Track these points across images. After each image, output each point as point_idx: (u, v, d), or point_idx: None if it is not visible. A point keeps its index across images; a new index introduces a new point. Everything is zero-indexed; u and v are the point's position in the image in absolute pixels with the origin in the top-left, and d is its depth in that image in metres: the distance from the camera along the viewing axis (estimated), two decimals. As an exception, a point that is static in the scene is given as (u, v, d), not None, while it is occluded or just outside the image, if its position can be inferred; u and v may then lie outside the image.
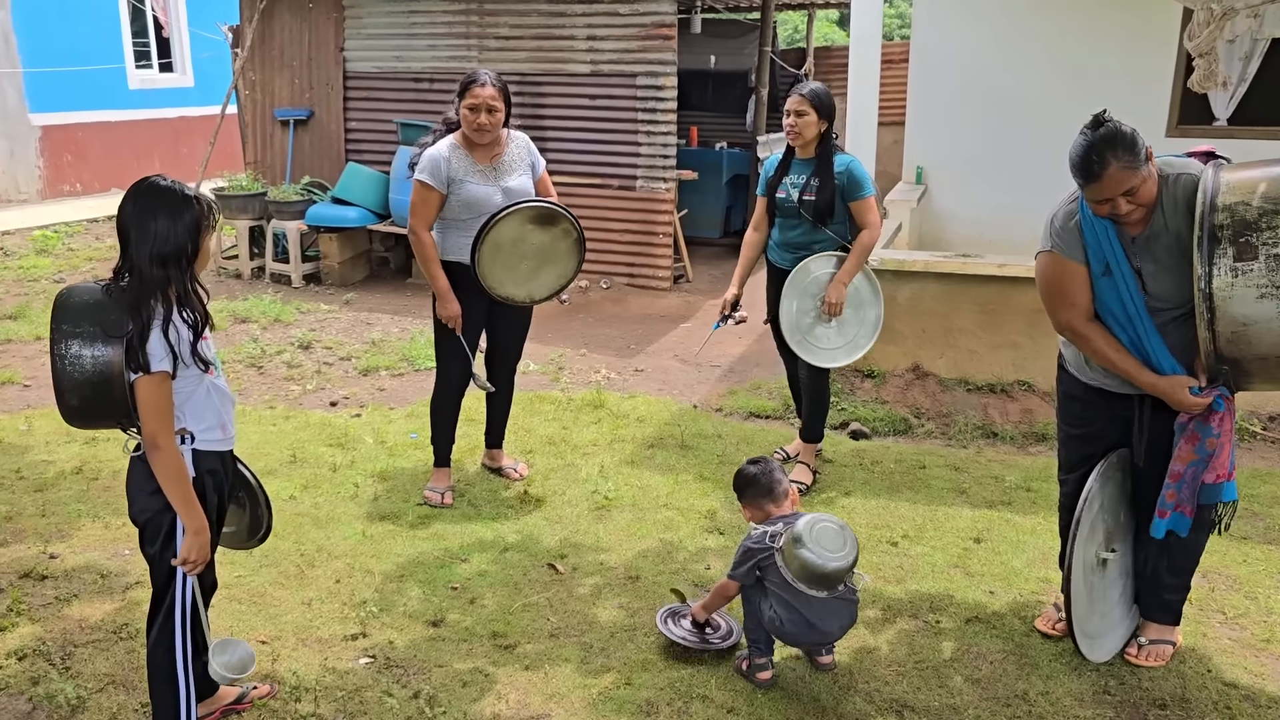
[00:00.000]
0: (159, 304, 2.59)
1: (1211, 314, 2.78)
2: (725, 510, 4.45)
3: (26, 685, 3.21)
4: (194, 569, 2.71)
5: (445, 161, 4.27)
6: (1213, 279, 2.77)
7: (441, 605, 3.69)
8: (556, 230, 4.32)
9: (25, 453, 5.09)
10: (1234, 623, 3.59)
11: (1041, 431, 5.36)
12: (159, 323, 2.58)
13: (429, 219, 4.32)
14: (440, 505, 4.51)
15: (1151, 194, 2.91)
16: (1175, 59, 7.04)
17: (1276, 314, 2.74)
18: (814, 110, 4.50)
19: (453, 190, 4.29)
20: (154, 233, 2.59)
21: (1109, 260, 3.01)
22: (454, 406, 4.64)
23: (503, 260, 4.26)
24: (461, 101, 4.24)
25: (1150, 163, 2.89)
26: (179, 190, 2.64)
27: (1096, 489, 3.20)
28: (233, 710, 3.08)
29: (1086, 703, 3.13)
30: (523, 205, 4.22)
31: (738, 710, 3.09)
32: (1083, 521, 3.18)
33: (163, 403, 2.61)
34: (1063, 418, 3.45)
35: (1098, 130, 2.87)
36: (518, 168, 4.41)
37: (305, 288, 8.72)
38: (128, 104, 13.93)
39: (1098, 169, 2.85)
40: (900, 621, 3.61)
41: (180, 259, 2.62)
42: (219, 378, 2.80)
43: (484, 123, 4.22)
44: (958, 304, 5.74)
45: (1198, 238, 2.79)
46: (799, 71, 12.60)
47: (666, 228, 8.56)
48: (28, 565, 3.97)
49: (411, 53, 9.10)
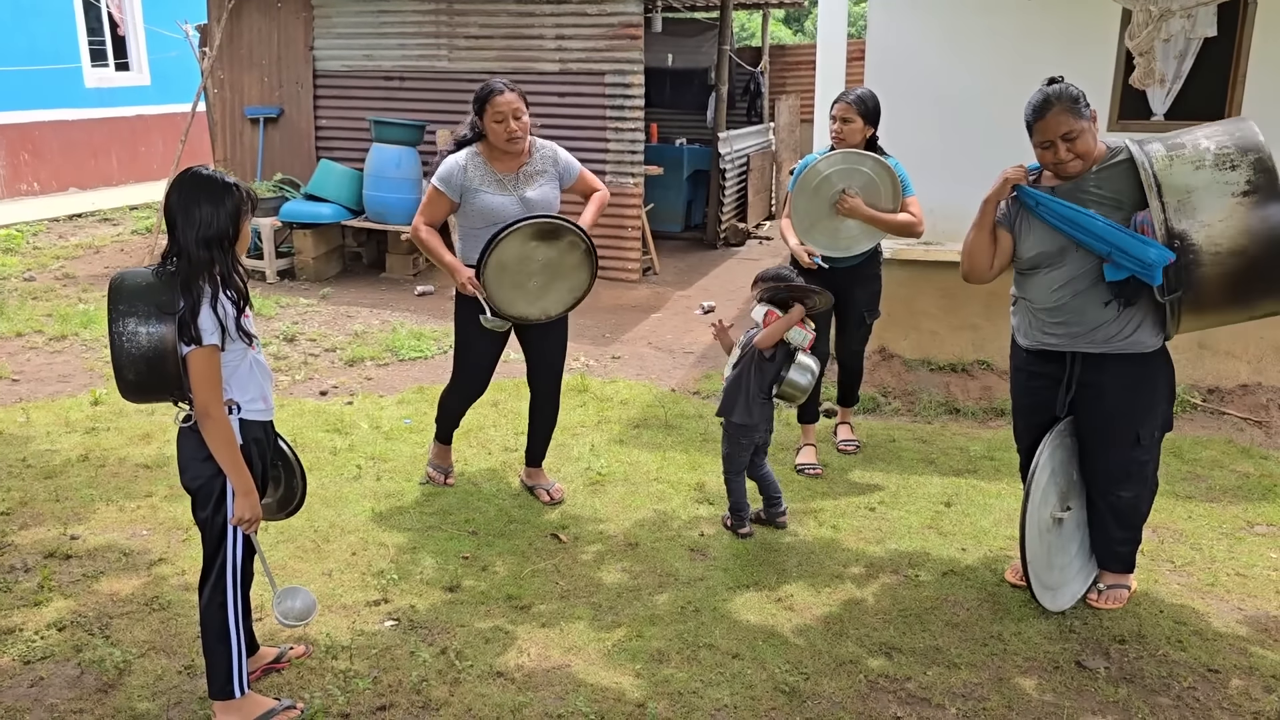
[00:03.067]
0: (206, 283, 2.81)
1: (1157, 186, 3.24)
2: (714, 482, 4.74)
3: (71, 653, 3.39)
4: (249, 527, 2.93)
5: (461, 170, 4.21)
6: (1153, 161, 3.27)
7: (456, 573, 3.93)
8: (562, 244, 4.19)
9: (28, 443, 5.22)
10: (1181, 570, 3.96)
11: (1000, 407, 5.73)
12: (208, 300, 2.80)
13: (431, 218, 4.30)
14: (443, 485, 4.73)
15: (1089, 149, 3.36)
16: (1115, 58, 7.47)
17: (1211, 179, 3.20)
18: (860, 117, 4.59)
19: (467, 199, 4.23)
20: (199, 219, 2.81)
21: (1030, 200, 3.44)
22: (461, 408, 4.68)
23: (509, 280, 4.17)
24: (485, 115, 4.15)
25: (1093, 121, 3.37)
26: (220, 179, 2.86)
27: (1046, 456, 3.54)
28: (272, 669, 3.30)
29: (1055, 640, 3.47)
30: (522, 224, 4.10)
31: (742, 655, 3.38)
32: (1034, 487, 3.51)
33: (213, 374, 2.82)
34: (1012, 390, 3.85)
35: (1051, 84, 3.42)
36: (540, 178, 4.30)
37: (280, 283, 8.86)
38: (84, 102, 13.87)
39: (1043, 109, 3.36)
40: (883, 576, 3.92)
41: (223, 241, 2.84)
42: (259, 352, 3.02)
43: (515, 130, 4.13)
44: (920, 289, 6.09)
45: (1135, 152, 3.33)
46: (755, 69, 12.94)
47: (635, 221, 8.83)
48: (51, 546, 4.13)
49: (381, 51, 9.28)
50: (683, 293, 8.78)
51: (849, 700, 3.15)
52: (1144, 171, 3.26)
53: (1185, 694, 3.19)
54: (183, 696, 3.16)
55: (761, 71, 13.03)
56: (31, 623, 3.57)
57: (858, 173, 4.61)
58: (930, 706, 3.13)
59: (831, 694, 3.18)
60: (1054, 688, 3.22)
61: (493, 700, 3.13)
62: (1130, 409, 3.49)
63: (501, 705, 3.11)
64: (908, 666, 3.33)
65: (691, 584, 3.85)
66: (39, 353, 6.87)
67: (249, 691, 3.02)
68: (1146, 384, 3.47)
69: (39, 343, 7.06)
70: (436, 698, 3.15)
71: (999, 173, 3.55)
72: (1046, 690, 3.21)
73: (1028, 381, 3.68)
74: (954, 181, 7.94)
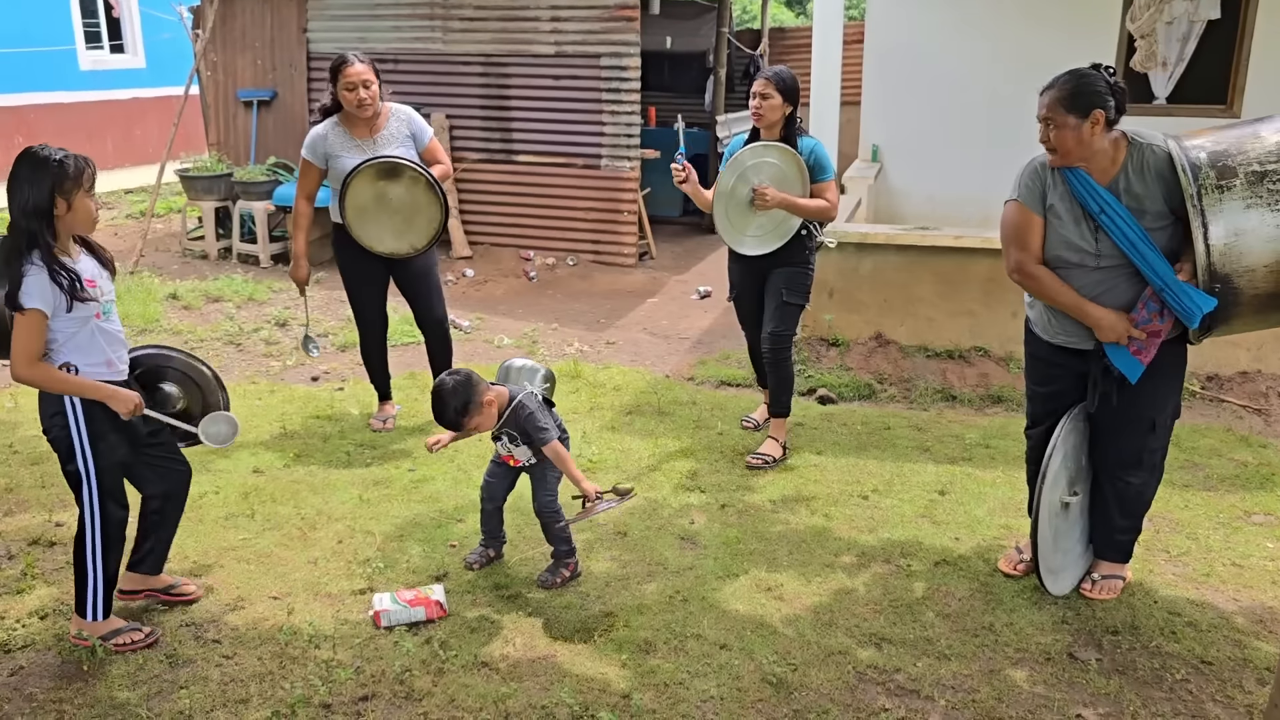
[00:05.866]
0: (38, 253, 3.00)
1: (1205, 227, 3.07)
2: (705, 470, 4.69)
3: (52, 641, 3.36)
4: (138, 410, 3.22)
5: (323, 139, 4.76)
6: (1202, 196, 3.07)
7: (443, 561, 3.89)
8: (405, 180, 4.67)
9: (15, 429, 5.18)
10: (1177, 560, 3.92)
11: (997, 394, 5.67)
12: (42, 270, 2.99)
13: (305, 190, 4.89)
14: (382, 430, 5.18)
15: (1067, 149, 3.24)
16: (1117, 42, 7.39)
17: (1260, 222, 3.03)
18: (779, 93, 4.58)
19: (331, 164, 4.77)
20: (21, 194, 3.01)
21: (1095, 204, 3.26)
22: (377, 351, 5.23)
23: (371, 219, 4.73)
24: (337, 84, 4.64)
25: (1094, 125, 3.20)
26: (42, 155, 3.03)
27: (1060, 440, 3.48)
28: (156, 597, 3.58)
29: (1047, 631, 3.43)
30: (364, 164, 4.60)
31: (729, 646, 3.34)
32: (1049, 470, 3.46)
33: (28, 336, 3.02)
34: (1029, 377, 3.73)
35: (1080, 68, 3.28)
36: (396, 140, 4.78)
37: (274, 267, 8.80)
38: (79, 85, 13.77)
39: (1046, 86, 3.28)
40: (874, 566, 3.88)
41: (43, 215, 3.00)
42: (110, 321, 3.21)
43: (363, 98, 4.62)
44: (917, 275, 6.03)
45: (1181, 165, 3.11)
46: (754, 52, 12.83)
47: (631, 205, 8.76)
48: (35, 533, 4.09)
49: (375, 34, 9.18)
50: (679, 278, 8.71)
51: (837, 692, 3.11)
52: (1191, 206, 3.08)
53: (1178, 686, 3.15)
54: (163, 686, 3.12)
55: (761, 54, 12.92)
56: (14, 610, 3.53)
57: (766, 164, 4.61)
58: (919, 698, 3.09)
59: (820, 685, 3.14)
60: (1045, 679, 3.18)
61: (476, 691, 3.09)
62: (1150, 397, 3.43)
63: (485, 696, 3.07)
64: (897, 658, 3.28)
65: (680, 573, 3.81)
66: (29, 337, 6.81)
67: (103, 619, 3.32)
68: (1165, 372, 3.42)
69: (29, 327, 7.00)
70: (420, 688, 3.11)
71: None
72: (1038, 682, 3.16)
73: (1048, 370, 3.61)
74: (952, 169, 7.93)
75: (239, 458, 4.82)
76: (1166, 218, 3.23)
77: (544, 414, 3.67)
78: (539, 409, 3.66)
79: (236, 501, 4.37)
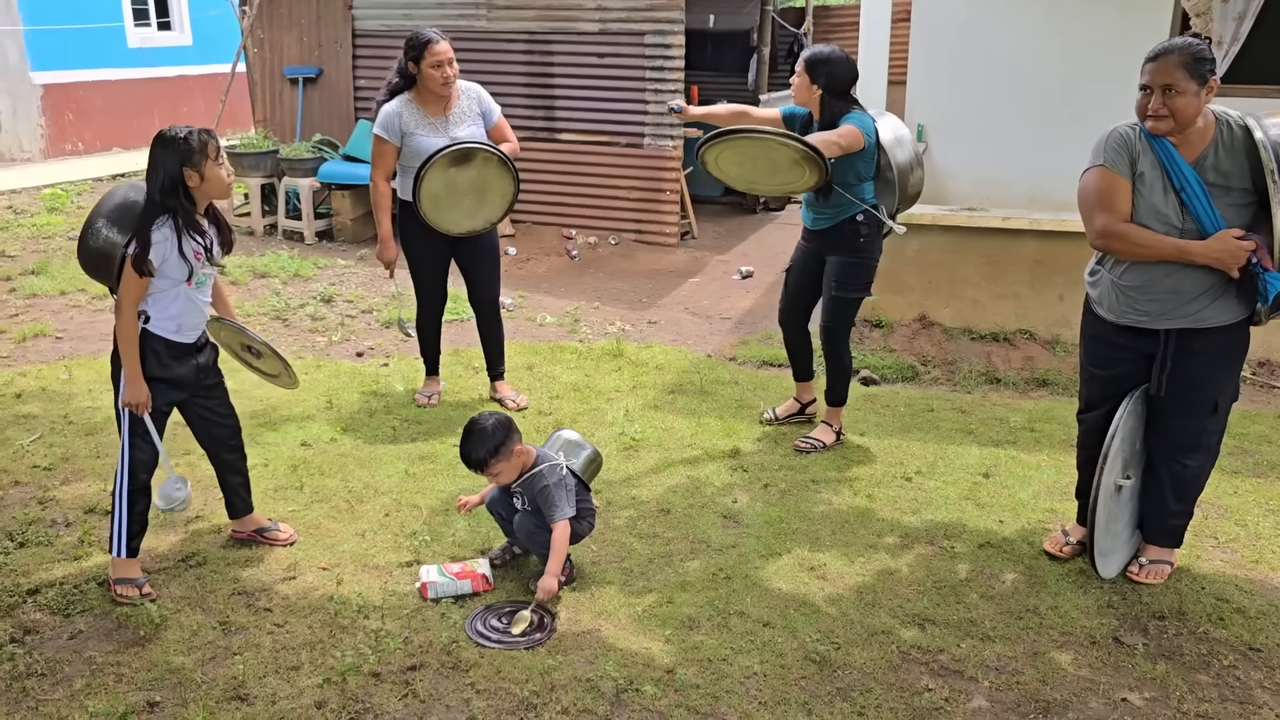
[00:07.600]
0: (168, 220, 3.32)
1: None
2: (748, 449, 4.70)
3: (109, 606, 3.44)
4: (137, 410, 3.41)
5: (398, 116, 4.77)
6: None
7: (488, 535, 3.94)
8: (477, 161, 4.71)
9: (70, 400, 5.29)
10: (1225, 546, 3.88)
11: (1042, 377, 5.62)
12: (169, 236, 3.32)
13: (385, 170, 4.89)
14: (426, 405, 5.24)
15: (1188, 118, 3.17)
16: (1171, 19, 7.24)
17: None
18: (806, 74, 4.46)
19: (405, 142, 4.79)
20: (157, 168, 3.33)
21: (1177, 180, 3.22)
22: (434, 328, 5.29)
23: (446, 205, 4.77)
24: (422, 61, 4.68)
25: (1207, 93, 3.16)
26: (170, 134, 3.34)
27: (1120, 423, 3.45)
28: (255, 538, 3.88)
29: (1092, 614, 3.41)
30: (435, 157, 4.61)
31: (773, 624, 3.36)
32: (1110, 452, 3.43)
33: (131, 284, 3.32)
34: (1089, 359, 3.66)
35: (1185, 35, 3.19)
36: (468, 118, 4.86)
37: (318, 244, 8.89)
38: (127, 62, 13.96)
39: (1162, 52, 3.20)
40: (918, 547, 3.88)
41: (175, 188, 3.32)
42: (199, 291, 3.47)
43: (449, 75, 4.70)
44: (963, 256, 5.98)
45: (1262, 142, 3.10)
46: (799, 30, 12.73)
47: (674, 185, 8.75)
48: (91, 501, 4.19)
49: (420, 11, 9.21)
50: (721, 258, 8.70)
51: (880, 671, 3.12)
52: (1272, 182, 3.07)
53: (1225, 672, 3.12)
54: (217, 652, 3.20)
55: (805, 33, 12.80)
56: (72, 576, 3.63)
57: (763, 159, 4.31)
58: (963, 679, 3.09)
59: (862, 664, 3.15)
60: (1090, 663, 3.16)
61: (522, 663, 3.14)
62: (1213, 378, 3.40)
63: (531, 668, 3.11)
64: (941, 638, 3.28)
65: (723, 551, 3.83)
66: (82, 310, 6.96)
67: (125, 557, 3.51)
68: (1229, 354, 3.39)
69: (82, 301, 7.14)
70: (466, 659, 3.16)
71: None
72: (1082, 665, 3.15)
73: (1110, 353, 3.55)
74: (999, 149, 7.82)
75: (286, 430, 4.90)
76: (1251, 195, 3.21)
77: (561, 491, 3.50)
78: (557, 485, 3.50)
79: (285, 474, 4.45)
